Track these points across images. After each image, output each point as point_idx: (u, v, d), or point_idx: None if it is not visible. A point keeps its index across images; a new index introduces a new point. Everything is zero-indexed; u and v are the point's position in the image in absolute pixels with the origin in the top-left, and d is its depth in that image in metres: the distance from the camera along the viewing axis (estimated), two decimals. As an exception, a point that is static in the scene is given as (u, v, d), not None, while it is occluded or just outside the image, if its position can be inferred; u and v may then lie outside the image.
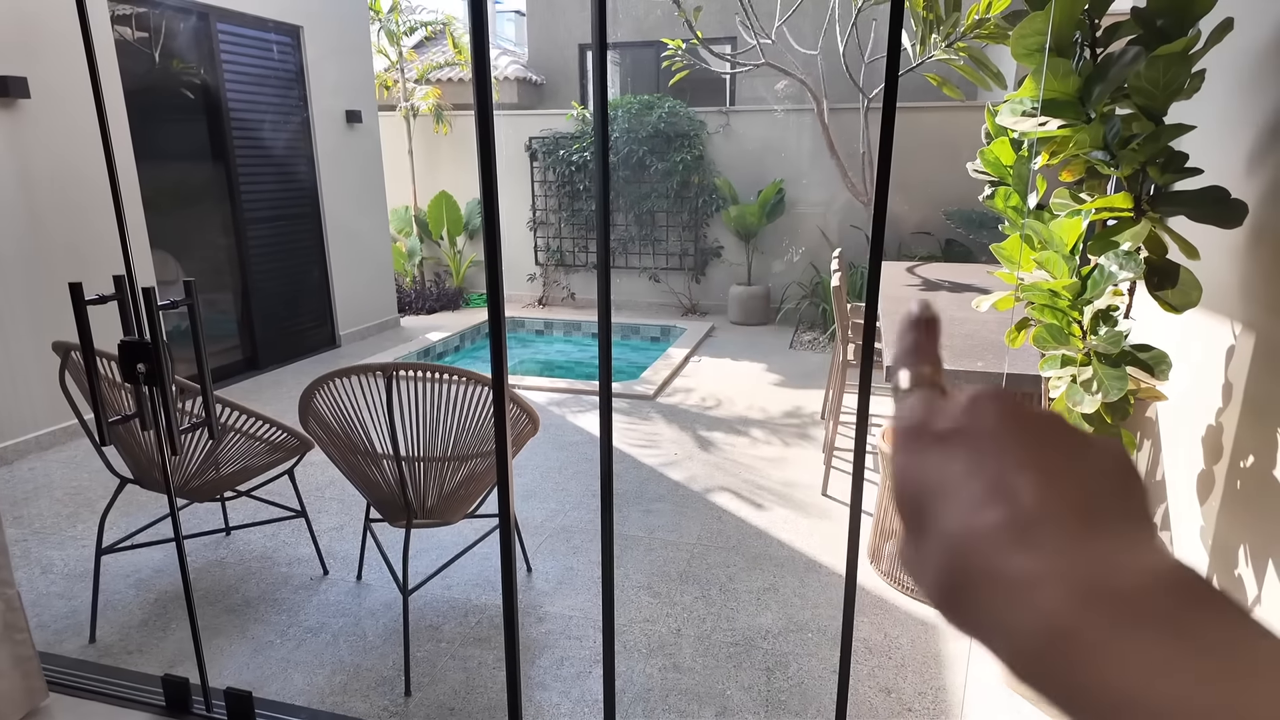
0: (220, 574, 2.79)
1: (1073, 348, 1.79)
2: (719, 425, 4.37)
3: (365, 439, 2.17)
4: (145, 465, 2.40)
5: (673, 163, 7.13)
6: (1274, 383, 1.62)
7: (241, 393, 4.93)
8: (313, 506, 3.30)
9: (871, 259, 1.32)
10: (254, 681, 2.21)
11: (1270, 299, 1.66)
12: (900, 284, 4.01)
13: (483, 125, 1.27)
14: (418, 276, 8.00)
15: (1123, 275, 1.64)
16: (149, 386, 1.79)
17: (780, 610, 2.56)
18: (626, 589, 2.69)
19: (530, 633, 2.43)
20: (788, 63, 6.24)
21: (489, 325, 1.40)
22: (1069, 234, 1.73)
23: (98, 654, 2.33)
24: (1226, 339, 1.82)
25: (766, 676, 2.23)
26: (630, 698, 2.14)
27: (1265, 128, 1.70)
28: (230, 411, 2.36)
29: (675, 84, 6.41)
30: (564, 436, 4.20)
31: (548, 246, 7.98)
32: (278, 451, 2.56)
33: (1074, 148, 1.69)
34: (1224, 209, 1.60)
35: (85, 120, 3.86)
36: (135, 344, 1.76)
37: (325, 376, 2.12)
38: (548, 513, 3.27)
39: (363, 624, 2.48)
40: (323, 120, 5.83)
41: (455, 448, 2.16)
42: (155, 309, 1.72)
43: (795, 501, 3.37)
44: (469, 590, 2.68)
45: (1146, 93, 1.61)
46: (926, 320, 0.33)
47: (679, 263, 7.58)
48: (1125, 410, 1.77)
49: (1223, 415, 1.82)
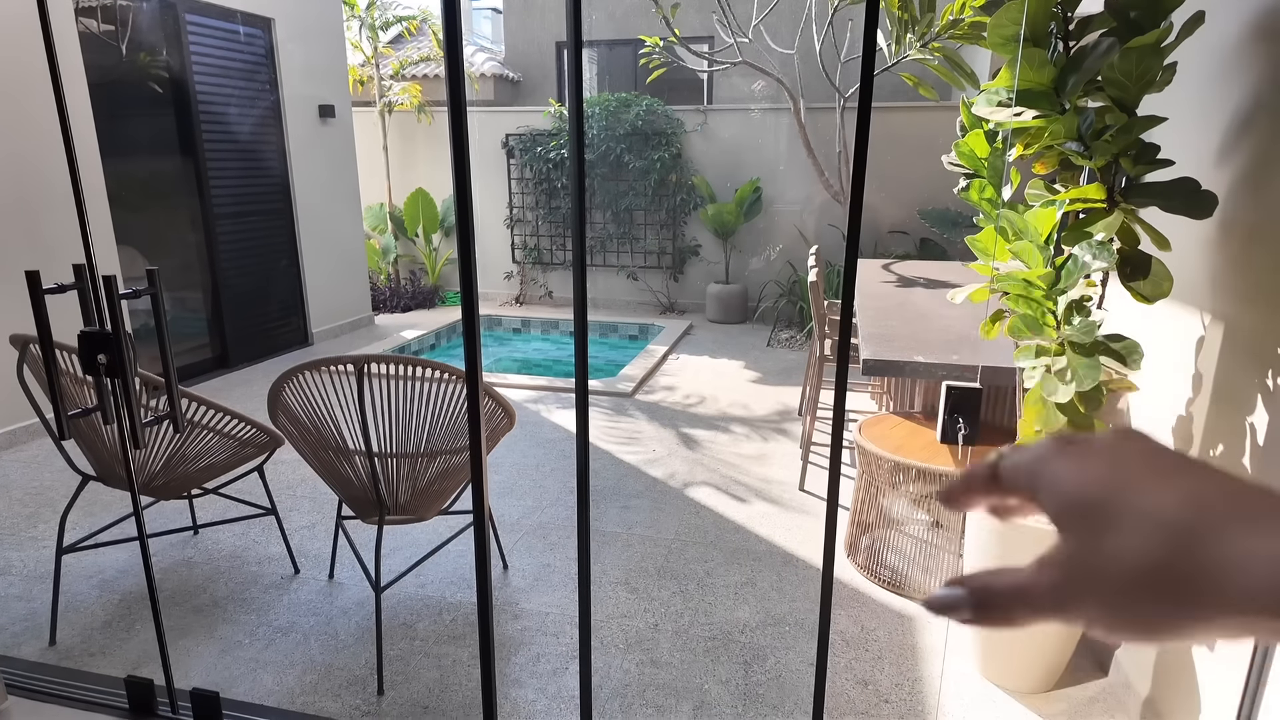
0: (187, 574, 2.72)
1: (1047, 338, 1.80)
2: (697, 422, 4.36)
3: (336, 434, 2.13)
4: (108, 461, 2.33)
5: (650, 161, 7.13)
6: (1242, 372, 1.65)
7: (211, 391, 4.83)
8: (284, 505, 3.24)
9: (848, 255, 1.32)
10: (222, 682, 2.15)
11: (1239, 289, 1.68)
12: (876, 281, 4.03)
13: (455, 114, 1.24)
14: (393, 274, 7.91)
15: (1096, 265, 1.65)
16: (110, 378, 1.74)
17: (758, 604, 2.55)
18: (604, 585, 2.66)
19: (506, 629, 2.40)
20: (765, 62, 6.26)
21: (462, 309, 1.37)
22: (1043, 224, 1.74)
23: (58, 657, 2.26)
24: (1196, 329, 1.84)
25: (744, 670, 2.22)
26: (607, 693, 2.12)
27: (1234, 120, 1.73)
28: (197, 406, 2.31)
29: (653, 81, 6.40)
30: (541, 434, 4.16)
31: (525, 244, 7.93)
32: (246, 448, 2.51)
33: (1048, 139, 1.70)
34: (1195, 200, 1.62)
35: (48, 114, 3.75)
36: (96, 334, 1.71)
37: (295, 369, 2.07)
38: (525, 510, 3.24)
39: (334, 623, 2.43)
40: (295, 114, 5.74)
41: (429, 443, 2.12)
42: (116, 298, 1.66)
43: (773, 497, 3.37)
44: (444, 588, 2.64)
45: (1120, 84, 1.62)
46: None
47: (657, 261, 7.57)
48: (1098, 400, 1.78)
49: (1193, 405, 1.84)
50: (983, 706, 2.08)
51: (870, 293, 3.64)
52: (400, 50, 8.91)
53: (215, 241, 5.18)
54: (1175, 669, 1.84)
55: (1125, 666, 2.10)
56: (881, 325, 2.89)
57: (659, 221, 7.46)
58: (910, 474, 2.49)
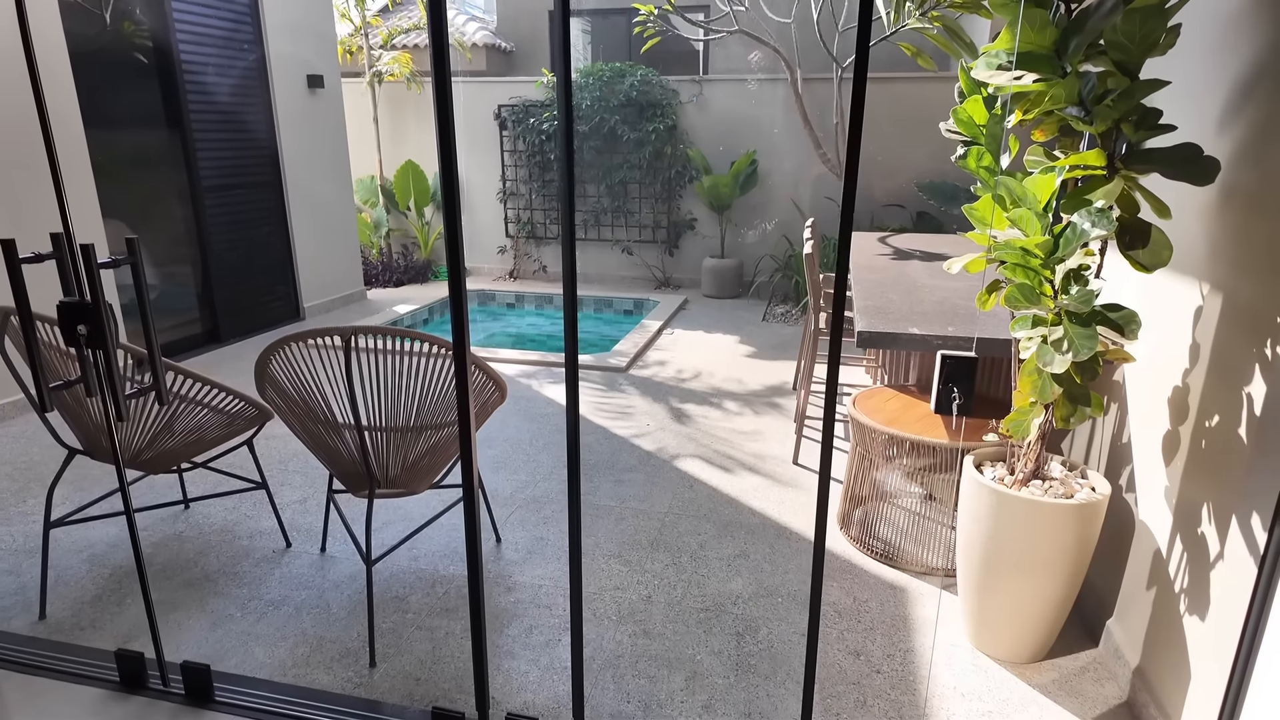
0: (179, 548, 2.71)
1: (1044, 307, 1.78)
2: (692, 397, 4.35)
3: (324, 407, 2.11)
4: (94, 434, 2.31)
5: (645, 133, 7.03)
6: (1240, 343, 1.63)
7: (203, 365, 4.79)
8: (276, 479, 3.22)
9: (842, 227, 1.29)
10: (213, 655, 2.15)
11: (1239, 259, 1.66)
12: (872, 254, 3.99)
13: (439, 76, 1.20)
14: (385, 248, 7.83)
15: (1095, 233, 1.62)
16: (92, 350, 1.70)
17: (751, 576, 2.55)
18: (597, 558, 2.66)
19: (499, 602, 2.40)
20: (761, 30, 6.16)
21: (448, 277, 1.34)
22: (1042, 191, 1.71)
23: (48, 630, 2.25)
24: (1195, 300, 1.82)
25: (736, 641, 2.22)
26: (600, 664, 2.12)
27: (1237, 85, 1.69)
28: (184, 380, 2.28)
29: (647, 51, 6.29)
30: (535, 408, 4.14)
31: (518, 218, 7.85)
32: (235, 421, 2.48)
33: (1049, 103, 1.66)
34: (1196, 166, 1.59)
35: (28, 83, 3.67)
36: (75, 304, 1.68)
37: (281, 341, 2.04)
38: (518, 484, 3.23)
39: (326, 596, 2.43)
40: (282, 85, 5.64)
41: (418, 416, 2.10)
42: (95, 267, 1.63)
43: (766, 470, 3.37)
44: (436, 561, 2.64)
45: (1122, 47, 1.59)
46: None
47: (652, 235, 7.51)
48: (1094, 370, 1.76)
49: (1189, 376, 1.82)
50: (974, 676, 2.09)
51: (866, 265, 3.61)
52: (389, 19, 8.75)
53: (204, 214, 5.11)
54: (1166, 639, 1.84)
55: (1116, 636, 2.11)
56: (877, 298, 2.86)
57: (654, 195, 7.38)
58: (904, 447, 2.48)
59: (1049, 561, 1.97)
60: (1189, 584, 1.77)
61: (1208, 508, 1.71)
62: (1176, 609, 1.81)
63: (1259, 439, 1.54)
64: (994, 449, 2.19)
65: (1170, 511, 1.87)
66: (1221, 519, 1.65)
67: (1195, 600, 1.73)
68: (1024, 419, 1.92)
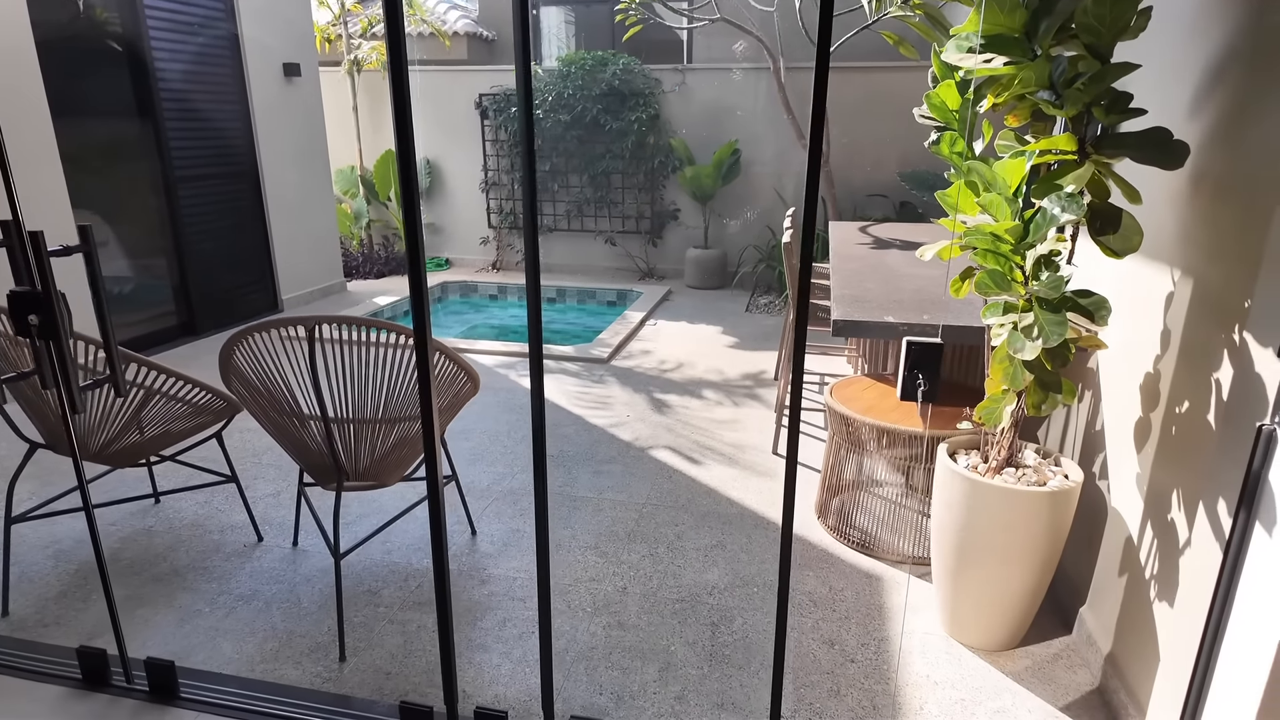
0: (148, 542, 2.66)
1: (1014, 294, 1.76)
2: (673, 388, 4.33)
3: (289, 398, 2.07)
4: (55, 427, 2.26)
5: (627, 122, 6.98)
6: (1210, 328, 1.62)
7: (178, 358, 4.72)
8: (249, 473, 3.18)
9: (806, 210, 1.26)
10: (179, 651, 2.11)
11: (1209, 244, 1.65)
12: (852, 243, 3.98)
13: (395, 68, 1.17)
14: (365, 239, 7.75)
15: (1065, 217, 1.61)
16: (44, 340, 1.66)
17: (727, 566, 2.54)
18: (573, 549, 2.64)
19: (473, 595, 2.38)
20: (744, 19, 6.12)
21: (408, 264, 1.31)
22: (1012, 175, 1.69)
23: (10, 628, 2.21)
24: (1166, 285, 1.81)
25: (711, 631, 2.21)
26: (573, 656, 2.10)
27: (1208, 70, 1.68)
28: (147, 371, 2.23)
29: (629, 39, 6.23)
30: (515, 400, 4.11)
31: (500, 209, 7.79)
32: (203, 414, 2.44)
33: (1019, 86, 1.64)
34: (1166, 150, 1.58)
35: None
36: (26, 294, 1.63)
37: (244, 330, 2.00)
38: (495, 476, 3.20)
39: (297, 590, 2.39)
40: (258, 73, 5.54)
41: (386, 409, 2.06)
42: (45, 255, 1.58)
43: (745, 461, 3.36)
44: (409, 554, 2.61)
45: (1093, 30, 1.57)
46: None
47: (635, 225, 7.47)
48: (1065, 357, 1.75)
49: (1160, 362, 1.82)
50: (947, 665, 2.09)
51: (845, 254, 3.60)
52: (369, 7, 8.63)
53: (178, 205, 5.02)
54: (1136, 625, 1.85)
55: (1088, 623, 2.11)
56: (854, 287, 2.85)
57: (637, 185, 7.33)
58: (880, 435, 2.47)
59: (1022, 549, 1.96)
60: (1159, 570, 1.77)
61: (1177, 494, 1.71)
62: (1147, 595, 1.81)
63: (1226, 425, 1.54)
64: (969, 437, 2.18)
65: (1141, 498, 1.87)
66: (1190, 505, 1.65)
67: (1164, 586, 1.73)
68: (996, 406, 1.91)
